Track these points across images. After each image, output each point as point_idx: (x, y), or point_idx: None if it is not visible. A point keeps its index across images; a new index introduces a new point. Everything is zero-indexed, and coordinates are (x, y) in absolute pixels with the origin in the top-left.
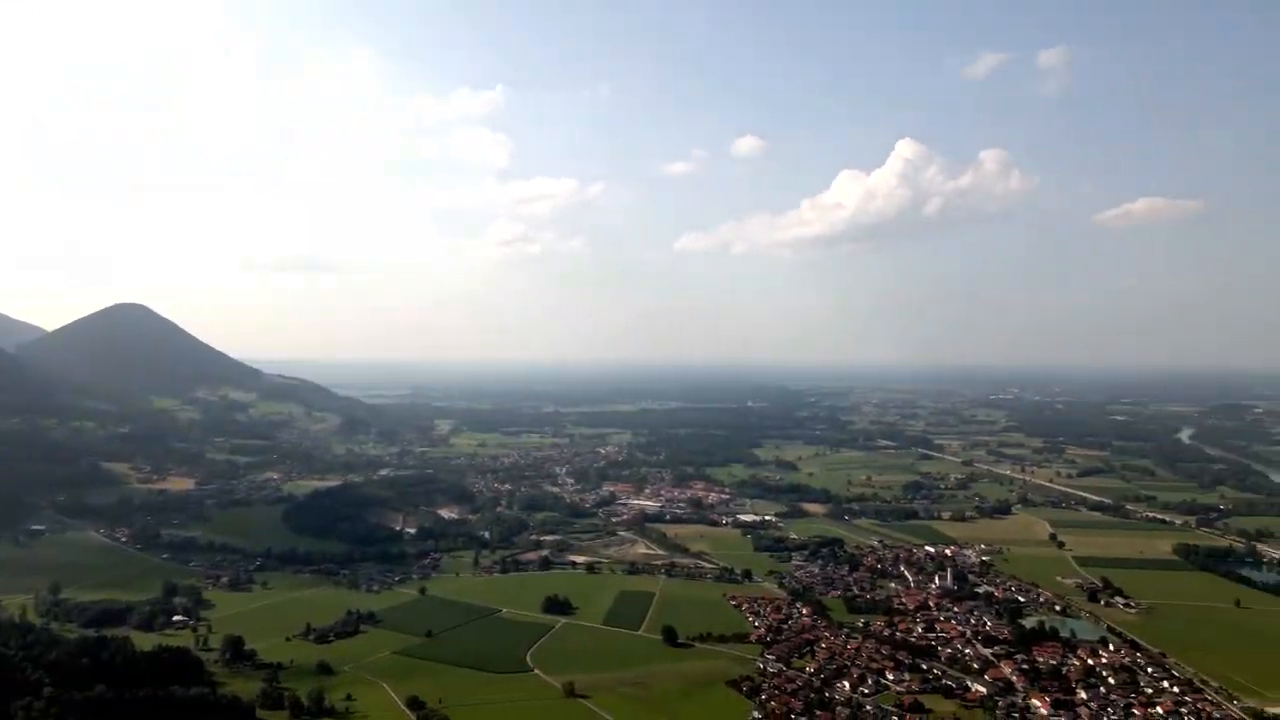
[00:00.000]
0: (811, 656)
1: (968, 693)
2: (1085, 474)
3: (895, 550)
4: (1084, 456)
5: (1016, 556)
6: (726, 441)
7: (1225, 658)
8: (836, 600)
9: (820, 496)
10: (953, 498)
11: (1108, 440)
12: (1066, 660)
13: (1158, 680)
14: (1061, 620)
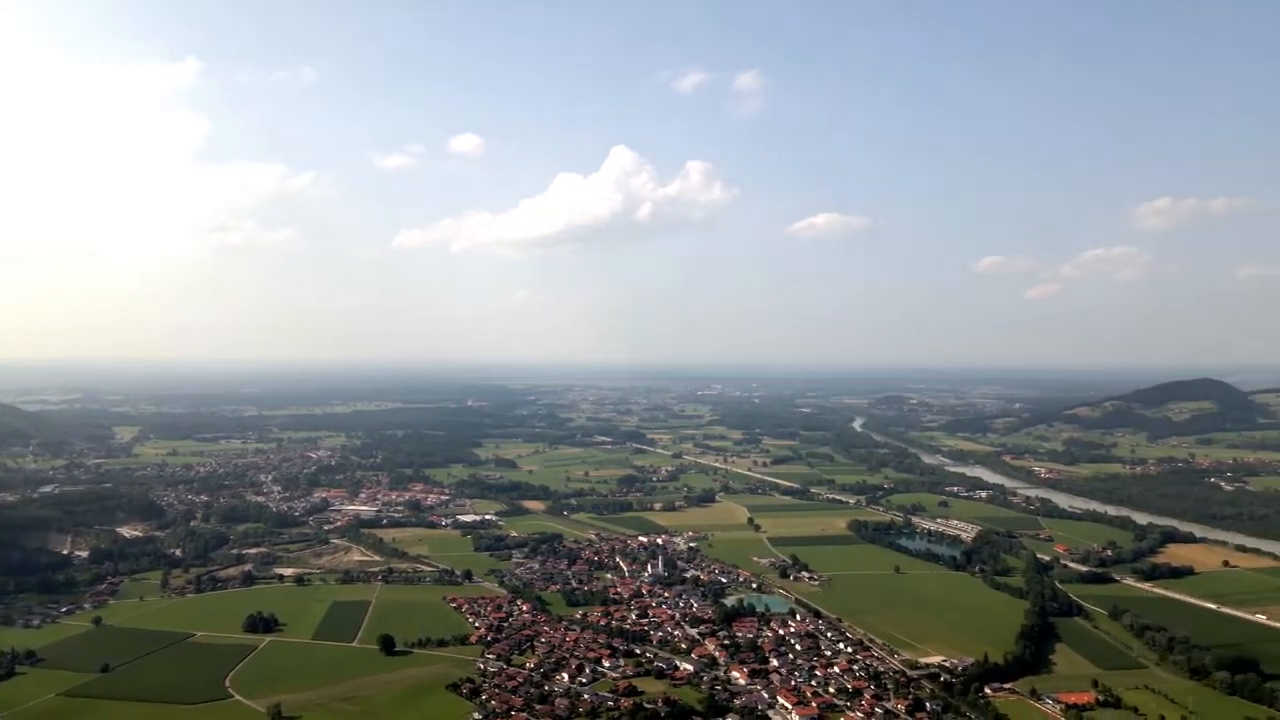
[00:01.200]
0: (532, 652)
1: (676, 672)
2: (778, 462)
3: (611, 542)
4: (777, 446)
5: (720, 541)
6: (446, 441)
7: (888, 618)
8: (556, 594)
9: (540, 493)
10: (664, 489)
11: (796, 431)
12: (761, 633)
13: (835, 643)
14: (758, 597)
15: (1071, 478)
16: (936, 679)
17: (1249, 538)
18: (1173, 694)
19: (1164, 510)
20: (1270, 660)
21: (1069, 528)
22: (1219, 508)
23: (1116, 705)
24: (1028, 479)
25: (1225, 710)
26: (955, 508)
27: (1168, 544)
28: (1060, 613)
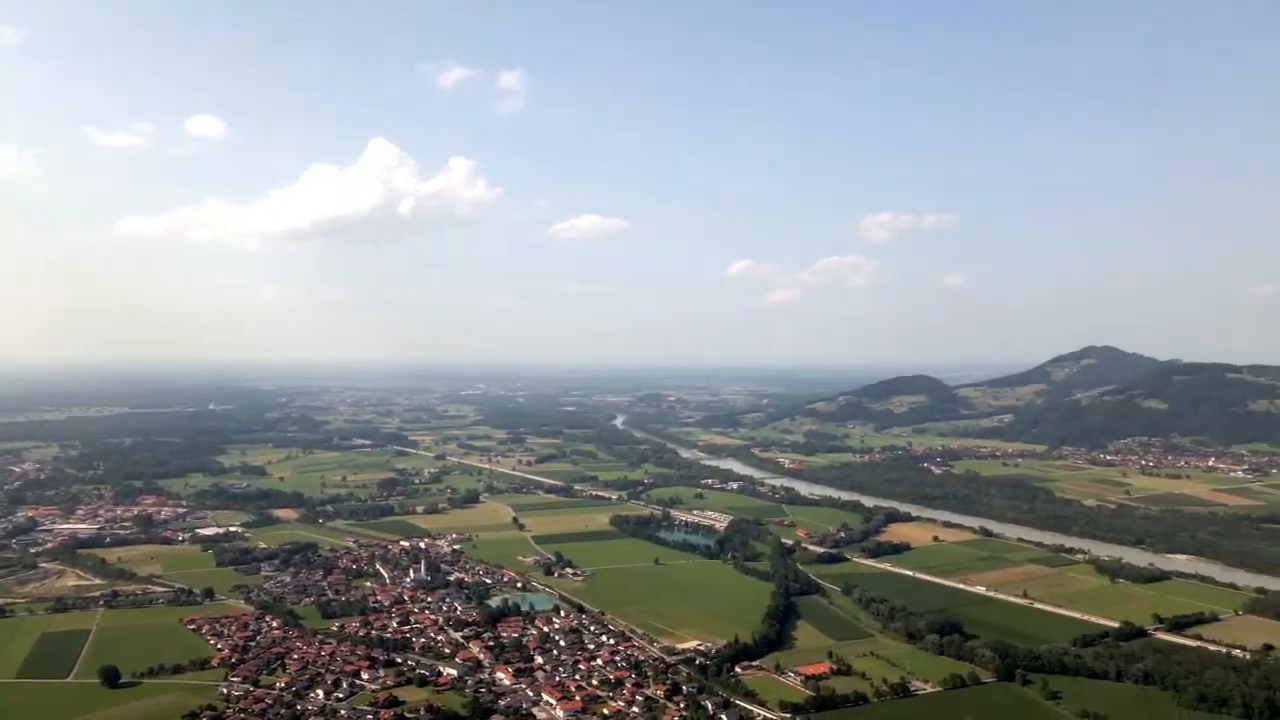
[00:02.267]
0: (283, 670)
1: (440, 678)
2: (542, 460)
3: (371, 548)
4: (541, 445)
5: (485, 542)
6: (183, 449)
7: (648, 608)
8: (310, 607)
9: (293, 501)
10: (427, 491)
11: (560, 429)
12: (526, 632)
13: (598, 636)
14: (523, 595)
15: (811, 467)
16: (693, 663)
17: (953, 515)
18: (893, 658)
19: (887, 494)
20: (970, 622)
21: (809, 513)
22: (930, 489)
23: (848, 673)
24: (774, 469)
25: (936, 668)
26: (710, 499)
27: (890, 524)
28: (801, 592)
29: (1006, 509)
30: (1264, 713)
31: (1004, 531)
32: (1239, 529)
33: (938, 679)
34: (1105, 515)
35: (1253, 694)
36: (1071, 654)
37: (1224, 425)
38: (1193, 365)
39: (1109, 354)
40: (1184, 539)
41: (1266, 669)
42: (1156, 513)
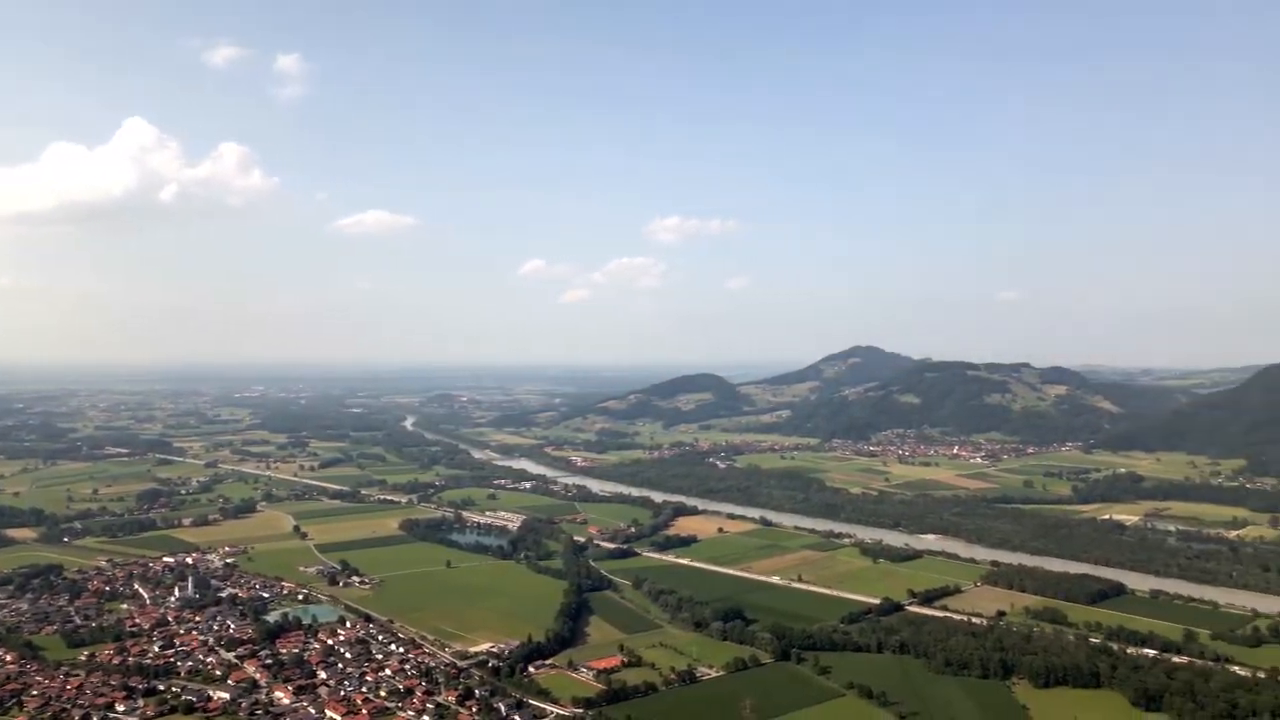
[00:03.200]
0: (20, 709)
1: (210, 703)
2: (326, 465)
3: (128, 567)
4: (325, 449)
5: (262, 553)
6: None
7: (440, 613)
8: (53, 636)
9: (30, 519)
10: (195, 502)
11: (346, 432)
12: (308, 646)
13: (387, 645)
14: (304, 608)
15: (603, 464)
16: (486, 665)
17: (737, 506)
18: (681, 646)
19: (676, 488)
20: (752, 607)
21: (601, 510)
22: (715, 483)
23: (639, 664)
24: (567, 468)
25: (720, 653)
26: (503, 499)
27: (678, 518)
28: (594, 588)
29: (784, 499)
30: (997, 672)
31: (782, 520)
32: (977, 509)
33: (721, 663)
34: (869, 502)
35: (989, 655)
36: (840, 631)
37: (966, 417)
38: (941, 363)
39: (872, 353)
40: (933, 520)
41: (999, 633)
42: (911, 497)
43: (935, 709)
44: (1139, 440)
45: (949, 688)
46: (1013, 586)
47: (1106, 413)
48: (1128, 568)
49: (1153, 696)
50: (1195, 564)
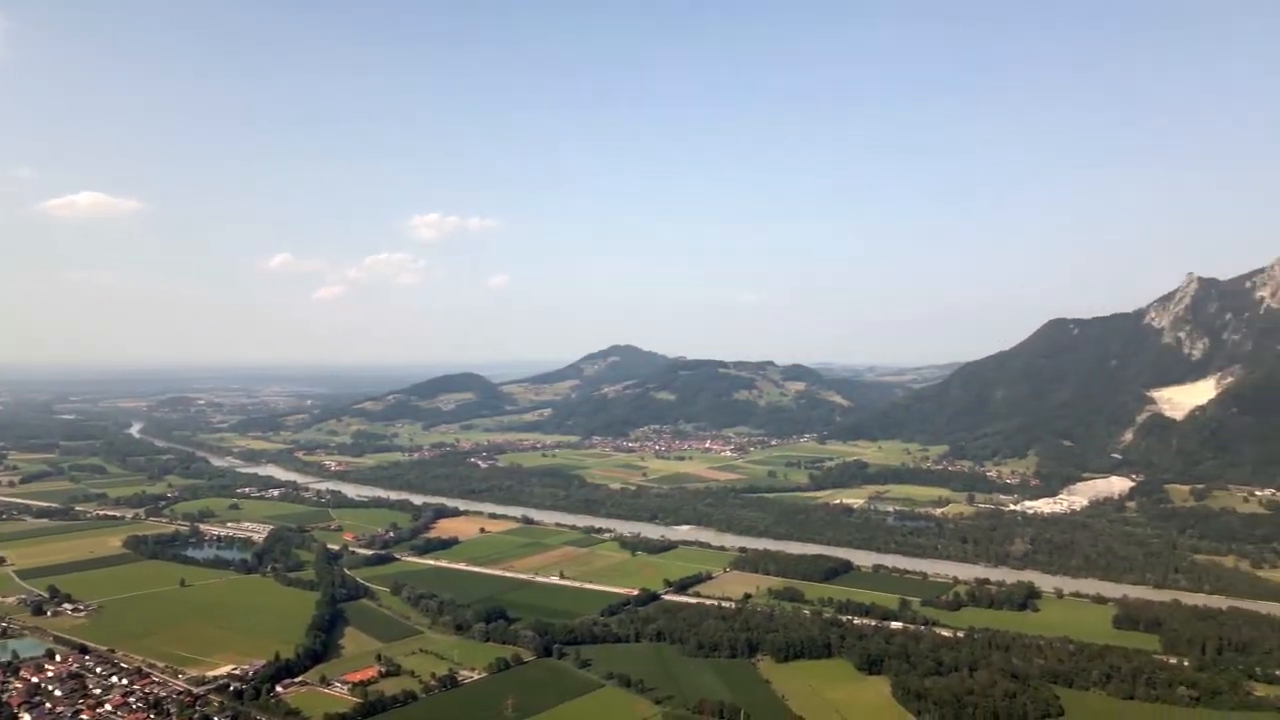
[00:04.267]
0: None
1: None
2: (30, 479)
3: None
4: (29, 461)
5: None
6: None
7: (172, 637)
8: None
9: None
10: None
11: (56, 441)
12: (8, 685)
13: (107, 677)
14: (3, 644)
15: (359, 468)
16: (227, 690)
17: (499, 506)
18: (443, 651)
19: (436, 490)
20: (515, 606)
21: (357, 515)
22: (477, 483)
23: (398, 673)
24: (319, 473)
25: (483, 654)
26: (247, 509)
27: (439, 520)
28: (349, 598)
29: (546, 497)
30: (743, 650)
31: (544, 518)
32: (727, 500)
33: (484, 665)
34: (628, 496)
35: (736, 636)
36: (600, 624)
37: (717, 412)
38: (694, 361)
39: (631, 352)
40: (688, 512)
41: (745, 614)
42: (667, 490)
43: (687, 691)
44: (865, 431)
45: (701, 669)
46: (758, 570)
47: (839, 406)
48: (855, 546)
49: (875, 660)
50: (909, 540)
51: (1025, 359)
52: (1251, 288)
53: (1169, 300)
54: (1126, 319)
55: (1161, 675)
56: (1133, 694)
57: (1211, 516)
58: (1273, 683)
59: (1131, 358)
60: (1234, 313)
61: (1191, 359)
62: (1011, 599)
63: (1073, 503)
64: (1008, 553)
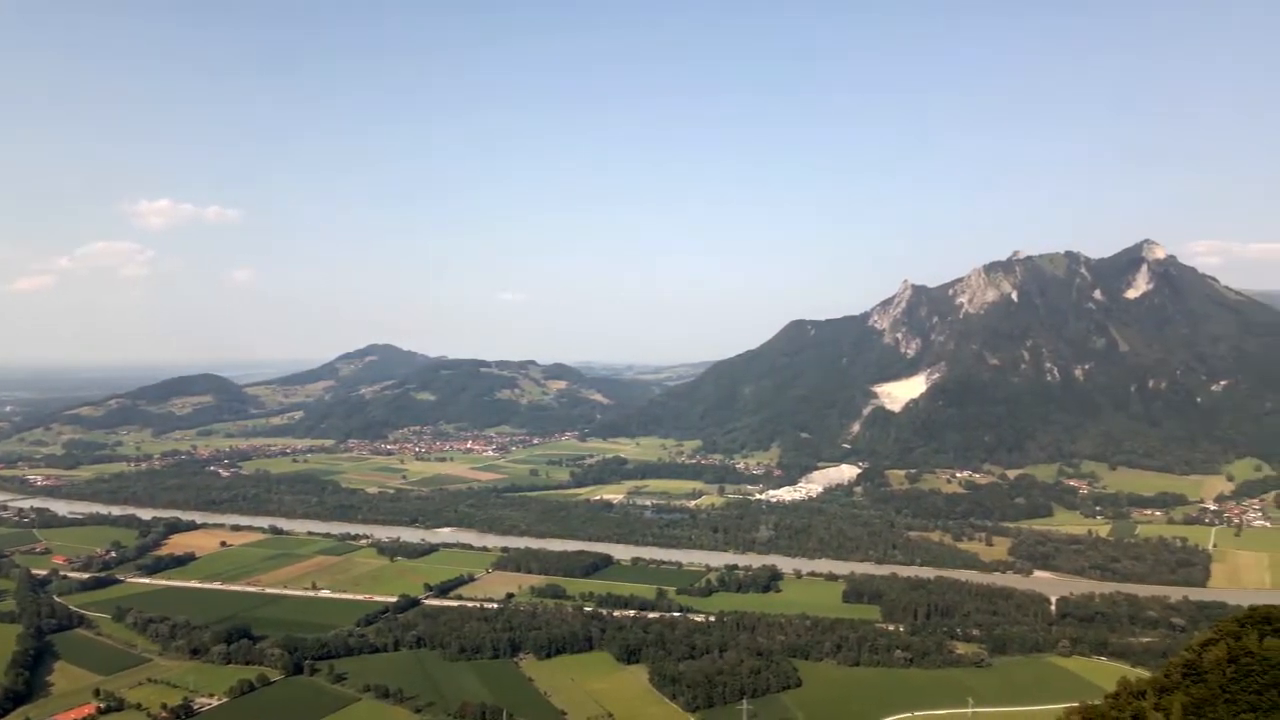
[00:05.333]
0: None
1: None
2: None
3: None
4: None
5: None
6: None
7: None
8: None
9: None
10: None
11: None
12: None
13: None
14: None
15: (74, 482)
16: None
17: (243, 517)
18: (176, 679)
19: (169, 502)
20: (261, 623)
21: (71, 535)
22: (218, 493)
23: (120, 708)
24: (22, 489)
25: (223, 678)
26: None
27: (171, 535)
28: (60, 628)
29: (297, 504)
30: (506, 650)
31: (294, 527)
32: (489, 500)
33: (225, 689)
34: (386, 500)
35: (499, 636)
36: (356, 635)
37: (479, 412)
38: (455, 361)
39: (389, 351)
40: (449, 514)
41: (508, 614)
42: (428, 493)
43: (449, 696)
44: (624, 428)
45: (463, 673)
46: (520, 569)
47: (599, 404)
48: (615, 541)
49: (633, 650)
50: (666, 532)
51: (770, 357)
52: (954, 295)
53: (889, 304)
54: (855, 320)
55: (882, 641)
56: (858, 660)
57: (921, 497)
58: (970, 640)
59: (859, 356)
60: (940, 316)
61: (907, 357)
62: (757, 582)
63: (810, 490)
64: (754, 539)
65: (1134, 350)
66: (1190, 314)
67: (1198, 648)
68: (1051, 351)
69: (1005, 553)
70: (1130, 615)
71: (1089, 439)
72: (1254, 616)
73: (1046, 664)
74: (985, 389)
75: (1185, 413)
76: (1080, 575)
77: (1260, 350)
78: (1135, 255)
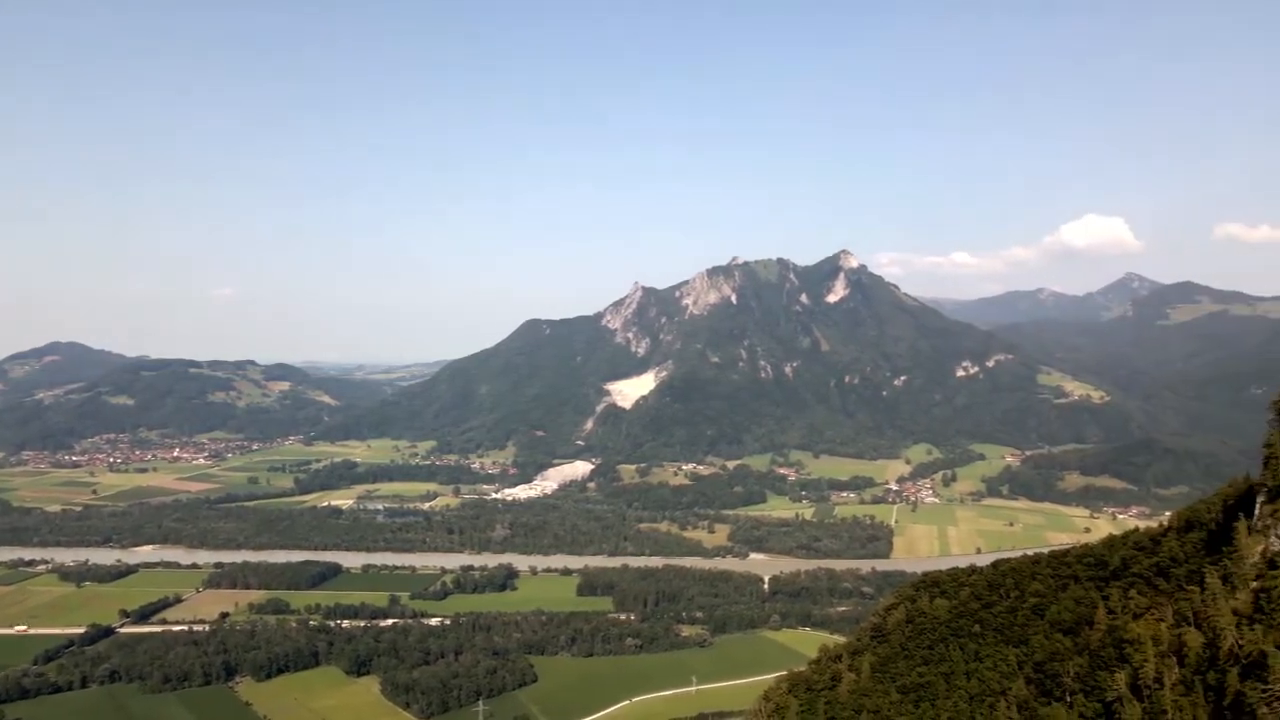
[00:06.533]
0: None
1: None
2: None
3: None
4: None
5: None
6: None
7: None
8: None
9: None
10: None
11: None
12: None
13: None
14: None
15: None
16: None
17: None
18: None
19: None
20: None
21: None
22: None
23: None
24: None
25: None
26: None
27: None
28: None
29: None
30: (220, 675)
31: None
32: (200, 512)
33: None
34: (71, 519)
35: (210, 661)
36: (32, 674)
37: (188, 416)
38: (160, 361)
39: (75, 350)
40: (151, 530)
41: (222, 635)
42: (125, 508)
43: None
44: (354, 430)
45: (168, 706)
46: (237, 585)
47: (327, 406)
48: (344, 548)
49: (363, 661)
50: (399, 536)
51: (505, 356)
52: (680, 296)
53: (620, 305)
54: (589, 320)
55: (614, 631)
56: (592, 651)
57: (651, 490)
58: (695, 622)
59: (593, 355)
60: (668, 316)
61: (637, 356)
62: (493, 581)
63: (545, 487)
64: (490, 539)
65: (833, 349)
66: (878, 317)
67: (883, 612)
68: (765, 350)
69: (726, 538)
70: (830, 588)
71: (797, 430)
72: (926, 581)
73: (761, 638)
74: (708, 386)
75: (874, 405)
76: (789, 555)
77: (930, 350)
78: (835, 264)
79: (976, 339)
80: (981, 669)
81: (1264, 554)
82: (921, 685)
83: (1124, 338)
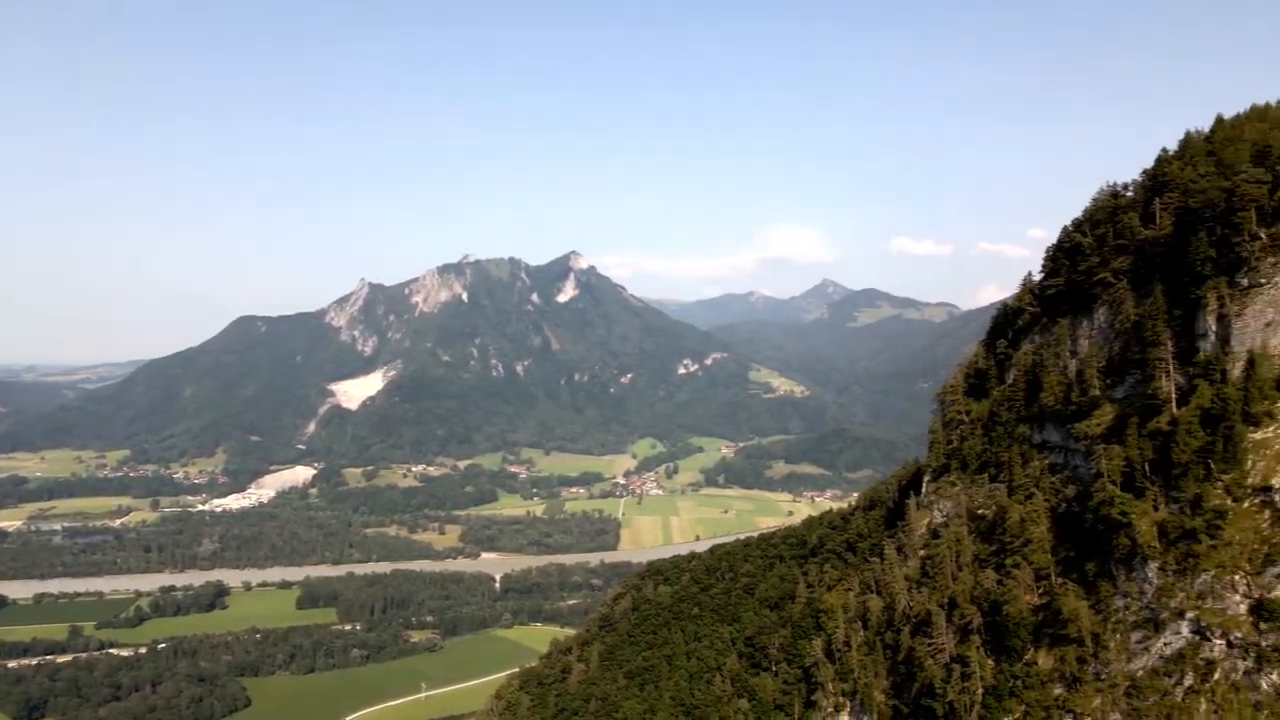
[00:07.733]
0: None
1: None
2: None
3: None
4: None
5: None
6: None
7: None
8: None
9: None
10: None
11: None
12: None
13: None
14: None
15: None
16: None
17: None
18: None
19: None
20: None
21: None
22: None
23: None
24: None
25: None
26: None
27: None
28: None
29: None
30: None
31: None
32: None
33: None
34: None
35: None
36: None
37: None
38: None
39: None
40: None
41: None
42: None
43: None
44: (24, 440)
45: None
46: None
47: None
48: (10, 577)
49: (36, 705)
50: (82, 559)
51: (214, 355)
52: (410, 294)
53: (345, 302)
54: (310, 317)
55: (338, 643)
56: (313, 667)
57: (379, 493)
58: (424, 627)
59: (315, 353)
60: (396, 314)
61: (364, 355)
62: (200, 601)
63: (261, 495)
64: (195, 555)
65: (564, 348)
66: (606, 317)
67: (610, 602)
68: (497, 349)
69: (457, 539)
70: (560, 583)
71: (528, 428)
72: (650, 570)
73: (492, 637)
74: (439, 385)
75: (602, 402)
76: (521, 552)
77: (654, 349)
78: (565, 264)
79: (696, 339)
80: (700, 648)
81: (929, 526)
82: (646, 669)
83: (822, 338)
